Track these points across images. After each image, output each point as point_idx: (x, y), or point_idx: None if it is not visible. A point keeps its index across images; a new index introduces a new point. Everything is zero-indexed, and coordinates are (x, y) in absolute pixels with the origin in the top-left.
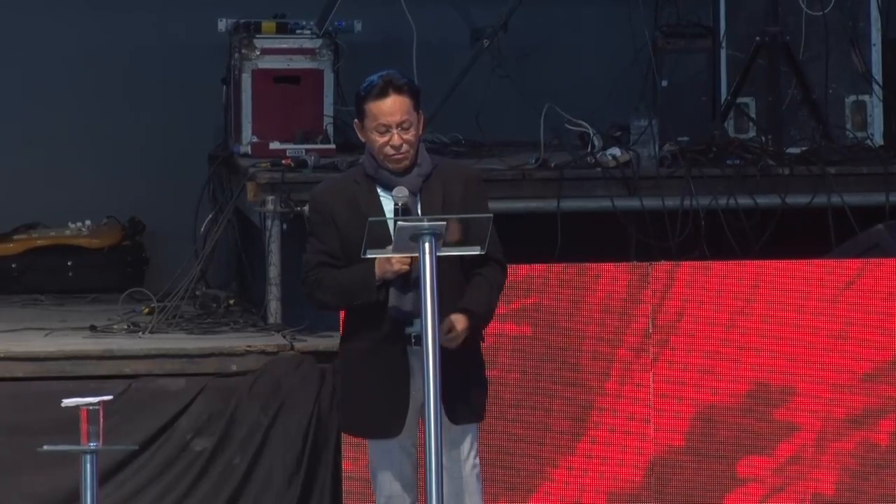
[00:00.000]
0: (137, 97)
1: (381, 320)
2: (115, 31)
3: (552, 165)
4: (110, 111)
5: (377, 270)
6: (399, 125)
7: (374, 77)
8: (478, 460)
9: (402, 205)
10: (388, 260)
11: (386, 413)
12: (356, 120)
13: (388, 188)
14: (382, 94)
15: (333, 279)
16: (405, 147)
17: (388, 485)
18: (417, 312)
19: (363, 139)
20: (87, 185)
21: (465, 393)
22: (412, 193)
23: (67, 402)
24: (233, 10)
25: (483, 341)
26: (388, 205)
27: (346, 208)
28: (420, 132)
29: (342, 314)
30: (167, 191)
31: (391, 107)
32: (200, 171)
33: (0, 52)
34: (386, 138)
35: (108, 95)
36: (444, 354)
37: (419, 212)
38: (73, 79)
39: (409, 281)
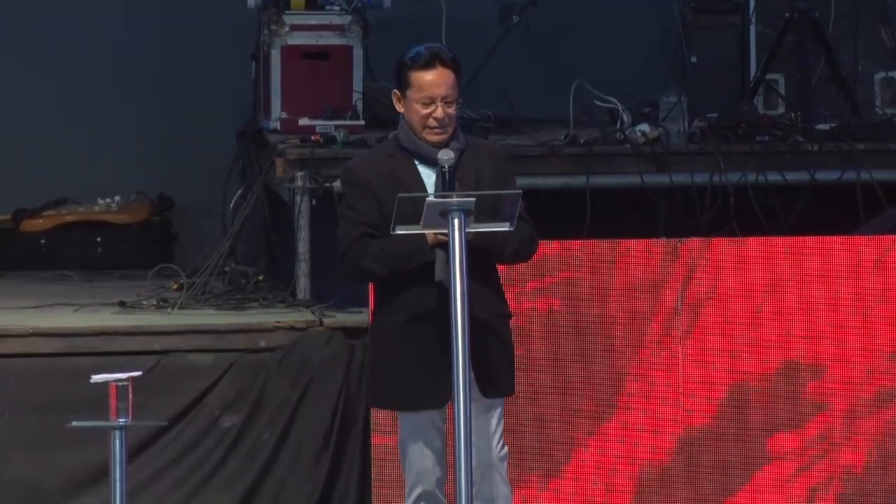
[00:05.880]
0: (167, 73)
1: (419, 293)
2: (145, 8)
3: (581, 142)
4: (140, 87)
5: (429, 236)
6: (443, 98)
7: (420, 47)
8: (503, 440)
9: (449, 167)
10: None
11: (424, 385)
12: (395, 90)
13: (426, 160)
14: (429, 65)
15: (381, 247)
16: (447, 121)
17: (419, 460)
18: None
19: (400, 110)
20: (117, 162)
21: (494, 367)
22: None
23: (96, 378)
24: None
25: (511, 317)
26: (427, 178)
27: (386, 182)
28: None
29: (371, 288)
30: (196, 167)
31: (437, 79)
32: (229, 148)
33: (30, 31)
34: (430, 110)
35: (137, 72)
36: (475, 330)
37: (455, 187)
38: (103, 56)
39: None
